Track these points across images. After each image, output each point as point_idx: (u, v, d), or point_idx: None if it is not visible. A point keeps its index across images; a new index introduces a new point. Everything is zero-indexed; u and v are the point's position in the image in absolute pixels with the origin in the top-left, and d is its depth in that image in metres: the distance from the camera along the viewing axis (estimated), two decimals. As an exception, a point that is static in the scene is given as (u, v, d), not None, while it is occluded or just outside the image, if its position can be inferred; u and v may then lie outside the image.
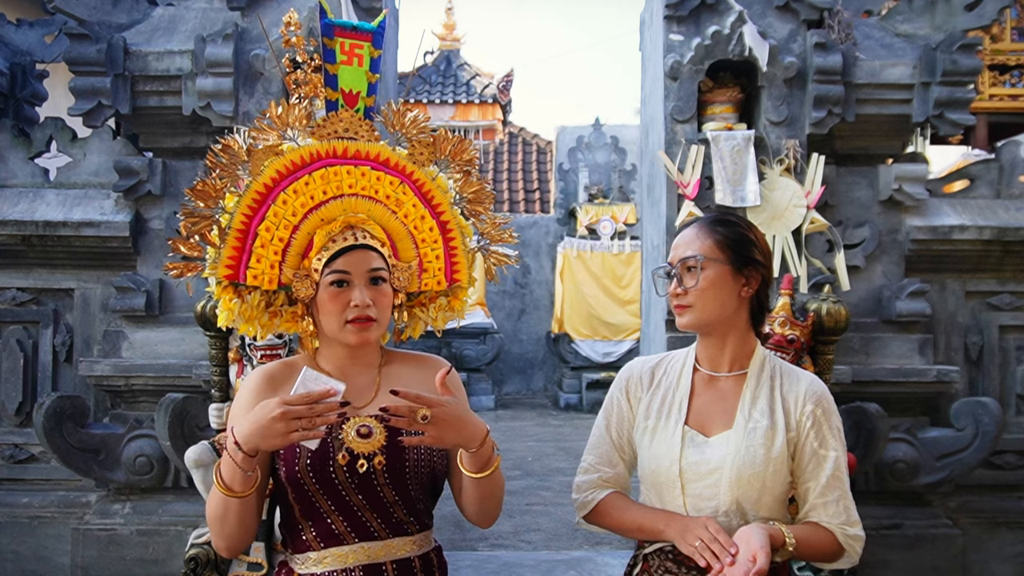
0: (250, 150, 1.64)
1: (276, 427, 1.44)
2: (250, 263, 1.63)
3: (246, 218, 1.62)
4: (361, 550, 1.63)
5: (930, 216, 4.10)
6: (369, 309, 1.62)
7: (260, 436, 1.46)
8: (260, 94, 3.89)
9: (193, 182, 1.64)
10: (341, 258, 1.63)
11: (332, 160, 1.66)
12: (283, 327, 1.70)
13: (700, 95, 4.00)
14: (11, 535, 4.02)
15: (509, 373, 13.42)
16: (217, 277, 1.62)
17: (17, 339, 4.18)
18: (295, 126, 1.67)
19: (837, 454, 1.75)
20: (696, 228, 1.81)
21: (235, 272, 1.62)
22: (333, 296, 1.62)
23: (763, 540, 1.61)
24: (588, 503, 1.87)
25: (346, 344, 1.67)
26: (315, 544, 1.63)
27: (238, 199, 1.62)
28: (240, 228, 1.61)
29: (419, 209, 1.74)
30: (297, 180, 1.64)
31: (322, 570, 1.62)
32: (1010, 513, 4.07)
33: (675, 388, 1.83)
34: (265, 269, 1.64)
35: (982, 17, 4.08)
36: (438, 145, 1.78)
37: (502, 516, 1.82)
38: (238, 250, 1.62)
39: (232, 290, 1.64)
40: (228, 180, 1.63)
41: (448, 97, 14.09)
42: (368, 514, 1.63)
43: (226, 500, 1.53)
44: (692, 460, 1.74)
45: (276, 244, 1.64)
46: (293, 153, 1.64)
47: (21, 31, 4.80)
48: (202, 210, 1.62)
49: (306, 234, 1.65)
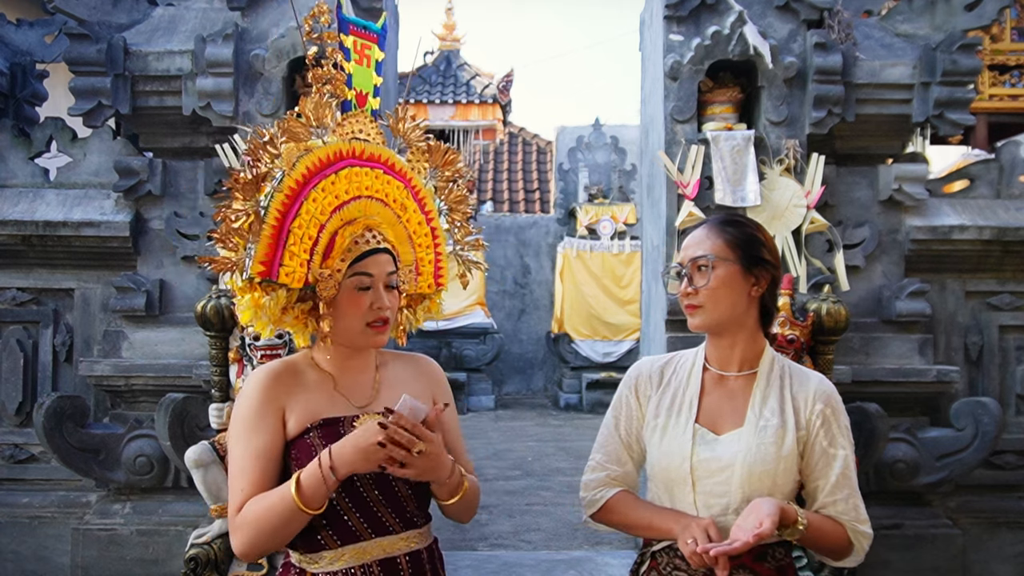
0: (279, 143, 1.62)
1: (379, 453, 1.52)
2: (284, 260, 1.59)
3: (280, 213, 1.58)
4: (378, 545, 1.65)
5: (930, 216, 4.10)
6: (388, 311, 1.65)
7: (362, 460, 1.53)
8: (260, 94, 3.90)
9: (193, 182, 1.62)
10: (364, 260, 1.64)
11: (353, 161, 1.66)
12: (288, 325, 1.69)
13: (700, 95, 4.00)
14: (11, 535, 4.02)
15: (509, 373, 13.42)
16: (249, 273, 1.58)
17: (17, 339, 4.19)
18: (325, 123, 1.66)
19: (846, 452, 1.77)
20: (706, 228, 1.83)
21: (268, 269, 1.59)
22: (356, 297, 1.64)
23: (772, 509, 1.63)
24: (596, 501, 1.88)
25: (358, 346, 1.69)
26: (331, 543, 1.64)
27: (269, 194, 1.58)
28: (274, 224, 1.58)
29: (417, 214, 1.77)
30: (325, 178, 1.62)
31: (339, 567, 1.64)
32: (1010, 513, 4.07)
33: (685, 387, 1.85)
34: (296, 267, 1.61)
35: (982, 17, 4.08)
36: (432, 154, 1.81)
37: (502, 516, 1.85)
38: (272, 247, 1.58)
39: (260, 287, 1.61)
40: (267, 173, 1.60)
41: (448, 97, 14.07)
42: (383, 509, 1.66)
43: (298, 515, 1.55)
44: (703, 457, 1.76)
45: (306, 242, 1.61)
46: (321, 151, 1.62)
47: (21, 31, 4.81)
48: (242, 203, 1.58)
49: (329, 233, 1.64)
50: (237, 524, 1.60)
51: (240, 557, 1.66)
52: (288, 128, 1.62)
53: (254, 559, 1.68)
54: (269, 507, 1.56)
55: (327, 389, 1.70)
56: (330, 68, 1.71)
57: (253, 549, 1.60)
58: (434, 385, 1.83)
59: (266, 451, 1.62)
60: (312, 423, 1.64)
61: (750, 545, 1.59)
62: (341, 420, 1.66)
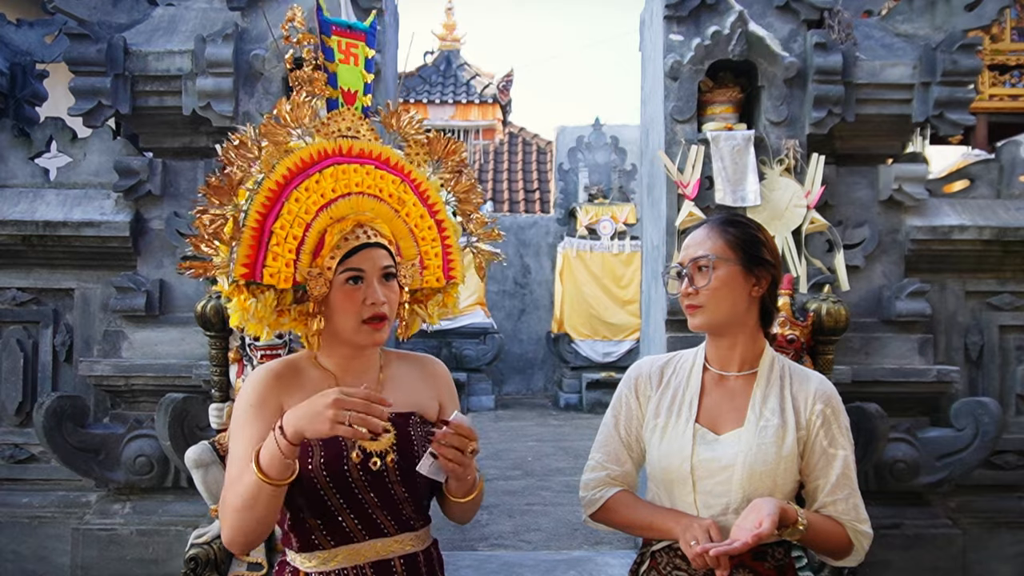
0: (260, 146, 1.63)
1: (327, 412, 1.45)
2: (267, 261, 1.59)
3: (260, 216, 1.59)
4: (371, 547, 1.65)
5: (930, 216, 4.10)
6: (383, 307, 1.64)
7: (308, 420, 1.47)
8: (260, 94, 3.90)
9: (193, 182, 1.63)
10: (355, 256, 1.63)
11: (339, 158, 1.66)
12: (288, 326, 1.69)
13: (700, 95, 4.00)
14: (11, 535, 4.02)
15: (509, 373, 13.42)
16: (233, 276, 1.58)
17: (17, 339, 4.19)
18: (304, 124, 1.66)
19: (846, 452, 1.78)
20: (707, 228, 1.83)
21: (251, 271, 1.59)
22: (348, 294, 1.63)
23: (772, 509, 1.63)
24: (596, 501, 1.88)
25: (357, 344, 1.68)
26: (324, 543, 1.64)
27: (250, 196, 1.59)
28: (254, 226, 1.58)
29: (419, 208, 1.75)
30: (308, 178, 1.62)
31: (333, 568, 1.63)
32: (1010, 513, 4.08)
33: (685, 387, 1.85)
34: (281, 268, 1.61)
35: (982, 17, 4.08)
36: (432, 146, 1.80)
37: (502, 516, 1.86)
38: (254, 248, 1.59)
39: (247, 290, 1.61)
40: (243, 176, 1.61)
41: (448, 97, 14.08)
42: (379, 512, 1.65)
43: (259, 486, 1.50)
44: (704, 457, 1.76)
45: (291, 242, 1.61)
46: (303, 151, 1.63)
47: (21, 31, 4.81)
48: (218, 207, 1.59)
49: (317, 232, 1.63)
50: (220, 514, 1.60)
51: (228, 547, 1.64)
52: (267, 131, 1.62)
53: (241, 549, 1.67)
54: (239, 487, 1.55)
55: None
56: (310, 70, 1.72)
57: (237, 535, 1.58)
58: (441, 387, 1.83)
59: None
60: None
61: (749, 545, 1.59)
62: None
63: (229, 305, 1.63)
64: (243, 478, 1.54)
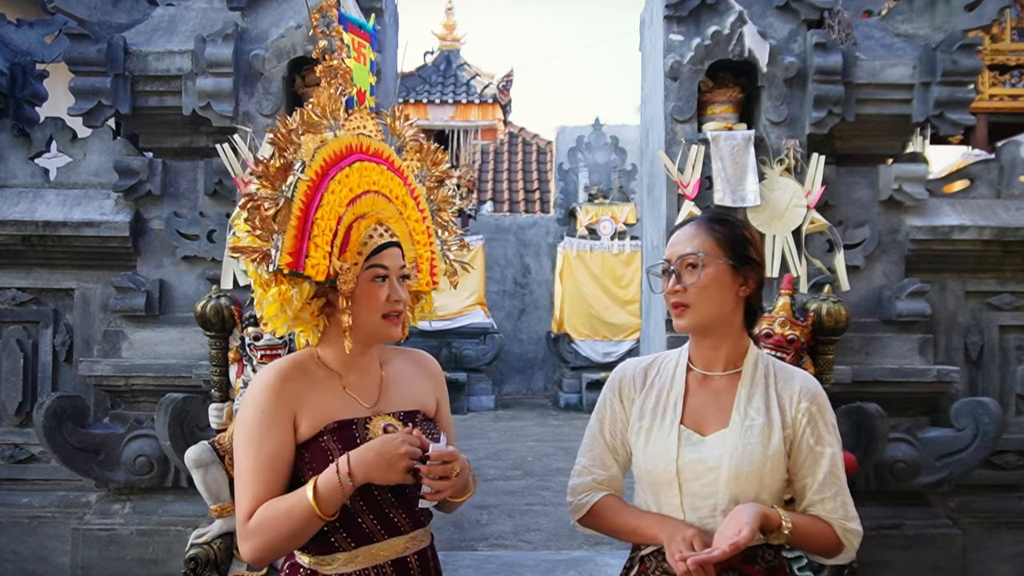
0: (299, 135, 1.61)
1: (400, 464, 1.54)
2: (309, 252, 1.58)
3: (304, 203, 1.57)
4: (390, 546, 1.67)
5: (930, 216, 4.10)
6: (403, 304, 1.67)
7: (381, 471, 1.55)
8: (260, 94, 3.89)
9: (193, 182, 1.62)
10: (381, 253, 1.64)
11: (362, 155, 1.67)
12: (301, 323, 1.68)
13: (700, 95, 4.00)
14: (11, 535, 4.02)
15: (509, 373, 13.42)
16: (278, 264, 1.56)
17: (17, 339, 4.19)
18: (338, 117, 1.66)
19: (833, 450, 1.76)
20: (695, 226, 1.81)
21: (296, 260, 1.57)
22: (373, 291, 1.64)
23: (751, 517, 1.62)
24: (583, 506, 1.87)
25: (378, 338, 1.70)
26: (345, 545, 1.64)
27: (292, 184, 1.57)
28: (299, 214, 1.57)
29: (415, 212, 1.78)
30: (340, 171, 1.63)
31: (352, 569, 1.64)
32: (1010, 513, 4.08)
33: (669, 388, 1.83)
34: (320, 259, 1.60)
35: (982, 17, 4.08)
36: (423, 152, 1.82)
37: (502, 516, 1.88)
38: (299, 238, 1.57)
39: (288, 280, 1.59)
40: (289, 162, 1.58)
41: (448, 97, 14.04)
42: (395, 510, 1.67)
43: (314, 521, 1.55)
44: (689, 459, 1.74)
45: (328, 234, 1.60)
46: (335, 143, 1.63)
47: (21, 31, 4.81)
48: (270, 193, 1.56)
49: (345, 227, 1.63)
50: (249, 531, 1.57)
51: (251, 563, 1.64)
52: (307, 119, 1.62)
53: (265, 565, 1.68)
54: (283, 513, 1.55)
55: (336, 389, 1.69)
56: (341, 61, 1.71)
57: (266, 555, 1.58)
58: (436, 385, 1.87)
59: (277, 456, 1.60)
60: (326, 426, 1.64)
61: (728, 554, 1.57)
62: (354, 423, 1.66)
63: (263, 296, 1.61)
64: (293, 511, 1.55)
